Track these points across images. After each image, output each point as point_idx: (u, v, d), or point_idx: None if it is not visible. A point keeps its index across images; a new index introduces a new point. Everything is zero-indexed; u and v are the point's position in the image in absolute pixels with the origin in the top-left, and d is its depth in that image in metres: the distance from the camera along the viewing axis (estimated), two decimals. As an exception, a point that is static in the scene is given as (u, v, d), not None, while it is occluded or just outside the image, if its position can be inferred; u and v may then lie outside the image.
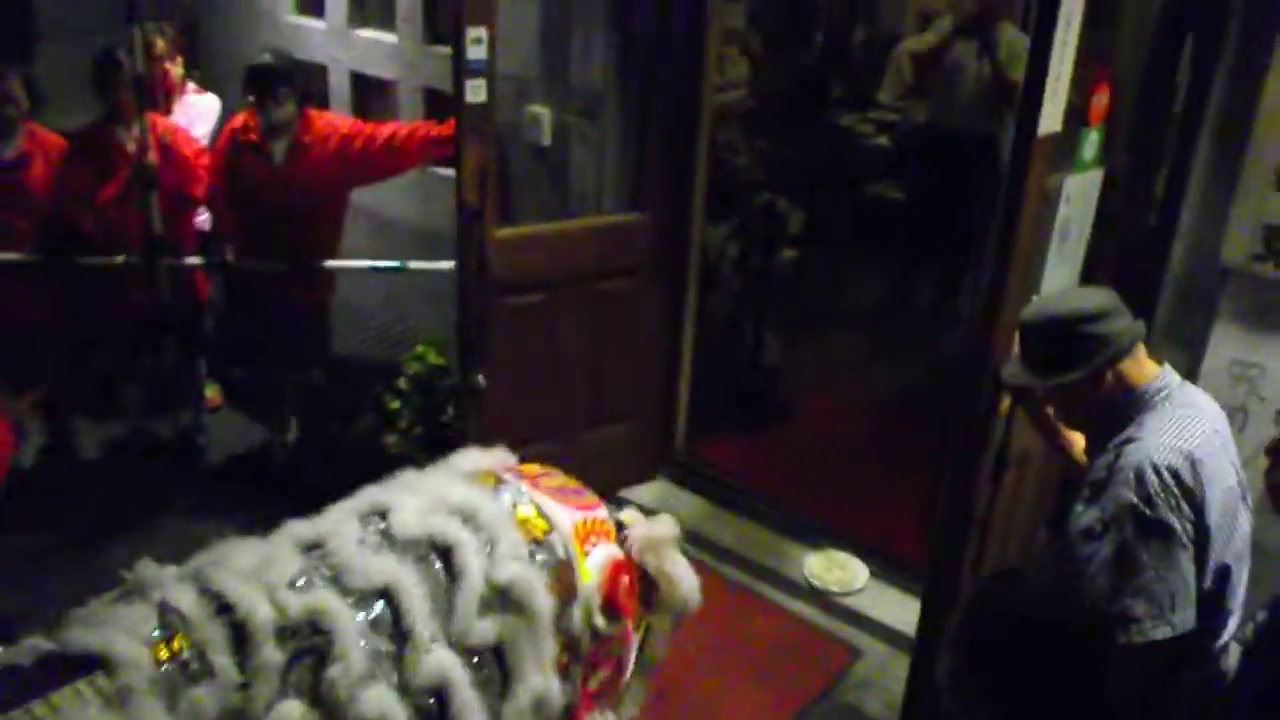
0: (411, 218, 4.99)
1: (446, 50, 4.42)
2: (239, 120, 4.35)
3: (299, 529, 2.30)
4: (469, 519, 2.35)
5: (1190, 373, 2.95)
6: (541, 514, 2.49)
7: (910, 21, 7.64)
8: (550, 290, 4.09)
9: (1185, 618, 2.17)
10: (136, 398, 4.86)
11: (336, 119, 4.46)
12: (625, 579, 2.58)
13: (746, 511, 4.53)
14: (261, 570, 2.13)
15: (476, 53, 3.62)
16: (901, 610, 3.89)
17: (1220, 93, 2.88)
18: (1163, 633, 2.15)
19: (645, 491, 4.67)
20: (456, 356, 3.91)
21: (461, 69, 3.60)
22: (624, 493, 4.60)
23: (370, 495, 2.43)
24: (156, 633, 1.96)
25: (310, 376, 4.61)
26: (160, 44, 4.48)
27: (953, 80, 5.49)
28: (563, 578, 2.41)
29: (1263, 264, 2.84)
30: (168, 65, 4.57)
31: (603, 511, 2.69)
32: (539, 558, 2.39)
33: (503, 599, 2.28)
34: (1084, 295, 2.44)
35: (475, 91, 3.66)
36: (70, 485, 4.60)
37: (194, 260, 4.48)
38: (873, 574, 4.15)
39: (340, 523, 2.31)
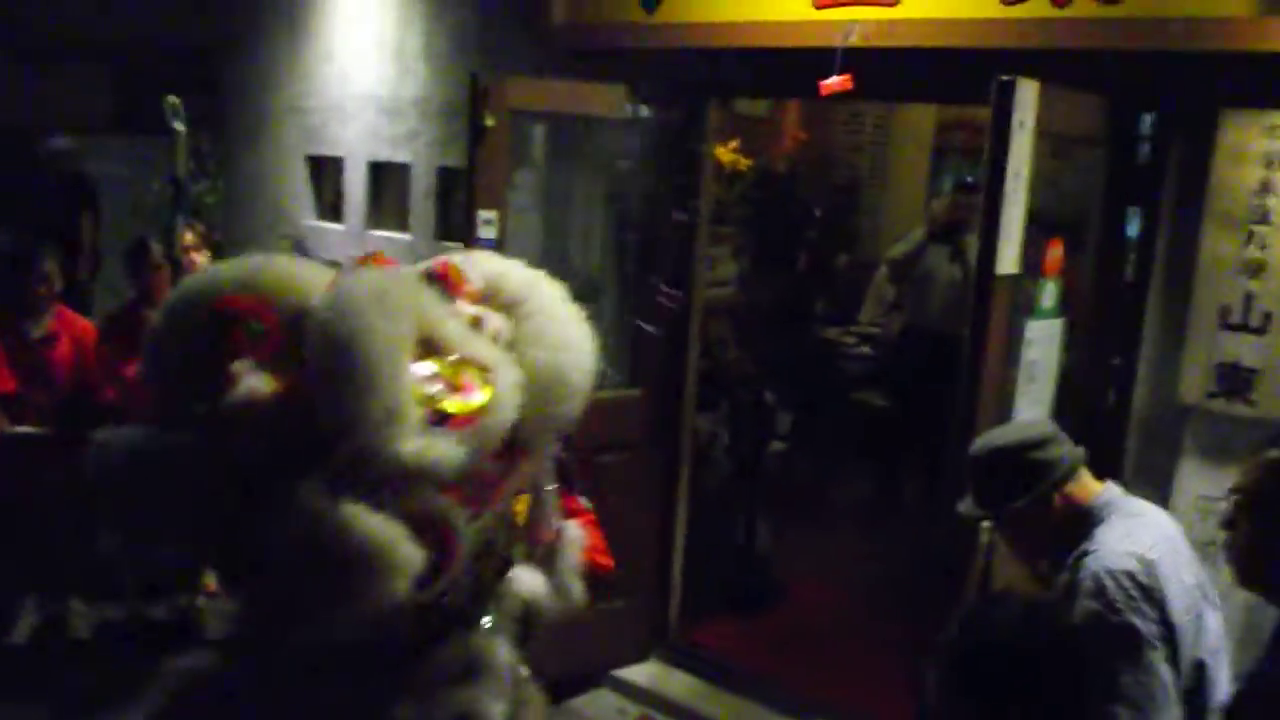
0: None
1: (455, 245, 4.77)
2: None
3: None
4: None
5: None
6: None
7: (886, 251, 8.16)
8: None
9: (1171, 717, 2.22)
10: (135, 578, 4.90)
11: None
12: None
13: (741, 690, 4.51)
14: None
15: (487, 233, 3.95)
16: (899, 780, 3.83)
17: (1163, 250, 3.17)
18: None
19: (639, 671, 4.65)
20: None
21: (472, 248, 3.92)
22: (618, 673, 4.59)
23: None
24: None
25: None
26: (190, 236, 4.85)
27: (927, 285, 5.85)
28: None
29: (1217, 401, 3.04)
30: (194, 255, 4.91)
31: None
32: None
33: None
34: (1024, 427, 2.61)
35: (484, 268, 3.97)
36: (62, 665, 4.57)
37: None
38: (869, 746, 4.11)
39: None
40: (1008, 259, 2.83)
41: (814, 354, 7.21)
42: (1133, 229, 3.23)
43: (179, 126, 4.21)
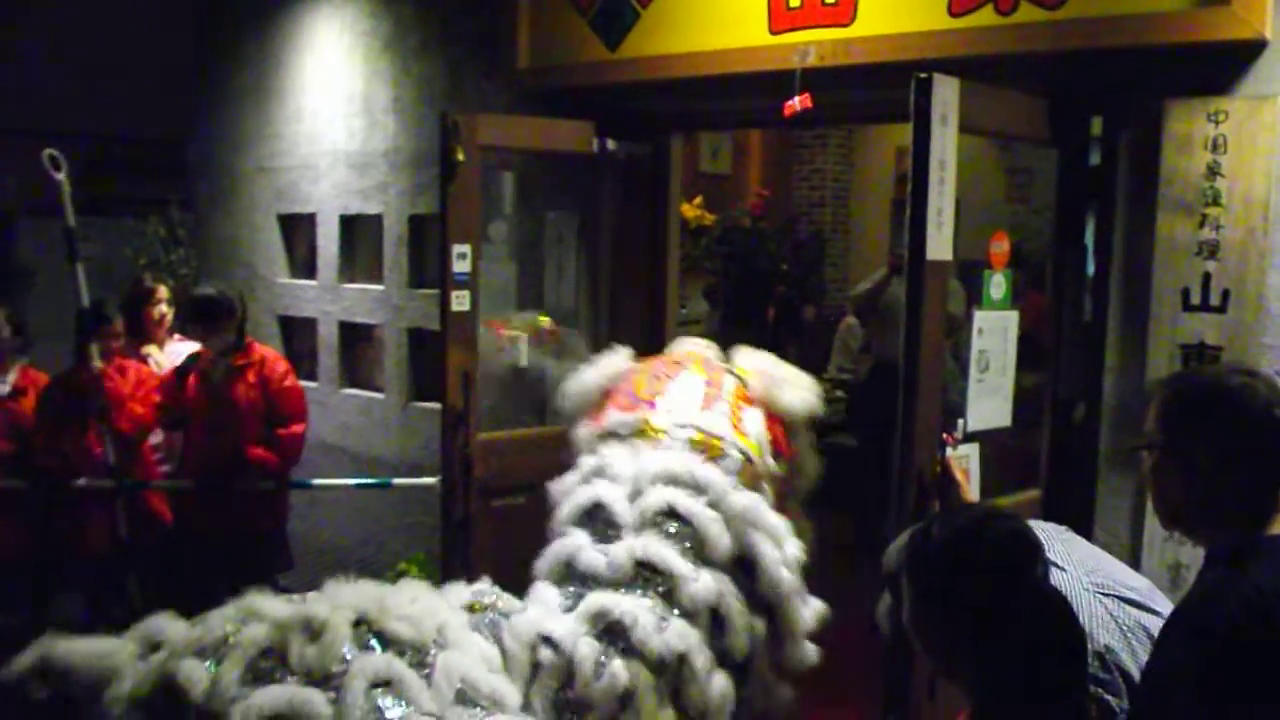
0: (393, 453, 5.20)
1: (429, 292, 4.82)
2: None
3: None
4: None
5: (1139, 495, 3.15)
6: (705, 432, 3.07)
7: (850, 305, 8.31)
8: (533, 493, 4.23)
9: None
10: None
11: (279, 361, 4.61)
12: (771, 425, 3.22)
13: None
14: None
15: (461, 266, 4.00)
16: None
17: (1121, 241, 3.27)
18: None
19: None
20: (440, 571, 3.98)
21: (448, 281, 3.97)
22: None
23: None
24: None
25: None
26: (163, 291, 4.90)
27: (893, 316, 5.93)
28: (747, 470, 3.05)
29: (1184, 381, 3.10)
30: (164, 310, 4.95)
31: (729, 382, 3.25)
32: (725, 464, 3.01)
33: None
34: None
35: (459, 301, 4.01)
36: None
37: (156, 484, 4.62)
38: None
39: None
40: (937, 245, 2.94)
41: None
42: (1089, 224, 3.34)
43: (60, 177, 4.22)
